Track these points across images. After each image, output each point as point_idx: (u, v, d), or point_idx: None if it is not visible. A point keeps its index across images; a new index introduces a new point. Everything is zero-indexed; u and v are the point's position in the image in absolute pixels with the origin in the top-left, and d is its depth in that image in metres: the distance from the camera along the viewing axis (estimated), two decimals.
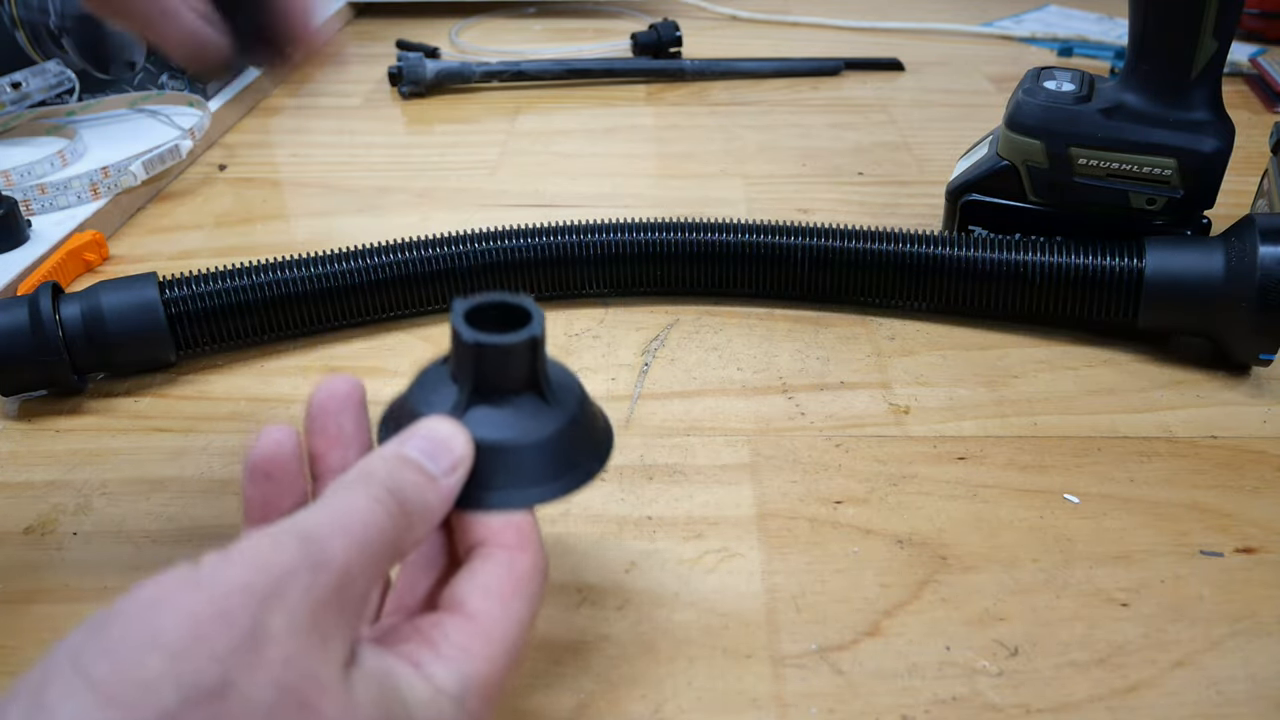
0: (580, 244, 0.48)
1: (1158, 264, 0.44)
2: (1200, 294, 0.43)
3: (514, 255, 0.48)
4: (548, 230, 0.49)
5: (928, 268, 0.47)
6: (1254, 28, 0.89)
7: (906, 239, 0.47)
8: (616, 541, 0.36)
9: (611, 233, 0.49)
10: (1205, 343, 0.46)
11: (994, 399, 0.44)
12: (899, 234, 0.48)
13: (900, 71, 0.85)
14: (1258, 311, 0.42)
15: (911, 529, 0.37)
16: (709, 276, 0.50)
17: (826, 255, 0.48)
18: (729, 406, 0.43)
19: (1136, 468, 0.40)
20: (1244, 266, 0.42)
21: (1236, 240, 0.43)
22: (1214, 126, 0.45)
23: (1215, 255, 0.43)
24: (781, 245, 0.48)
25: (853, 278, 0.48)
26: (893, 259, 0.47)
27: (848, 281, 0.48)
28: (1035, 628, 0.33)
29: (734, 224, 0.49)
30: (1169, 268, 0.44)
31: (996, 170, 0.49)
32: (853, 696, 0.30)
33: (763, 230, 0.48)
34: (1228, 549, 0.36)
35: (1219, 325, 0.44)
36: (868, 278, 0.48)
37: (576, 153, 0.69)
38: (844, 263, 0.48)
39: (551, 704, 0.30)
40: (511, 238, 0.48)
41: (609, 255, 0.49)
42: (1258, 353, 0.43)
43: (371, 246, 0.47)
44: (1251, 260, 0.42)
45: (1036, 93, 0.48)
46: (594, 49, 0.91)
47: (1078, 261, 0.45)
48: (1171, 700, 0.30)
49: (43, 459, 0.41)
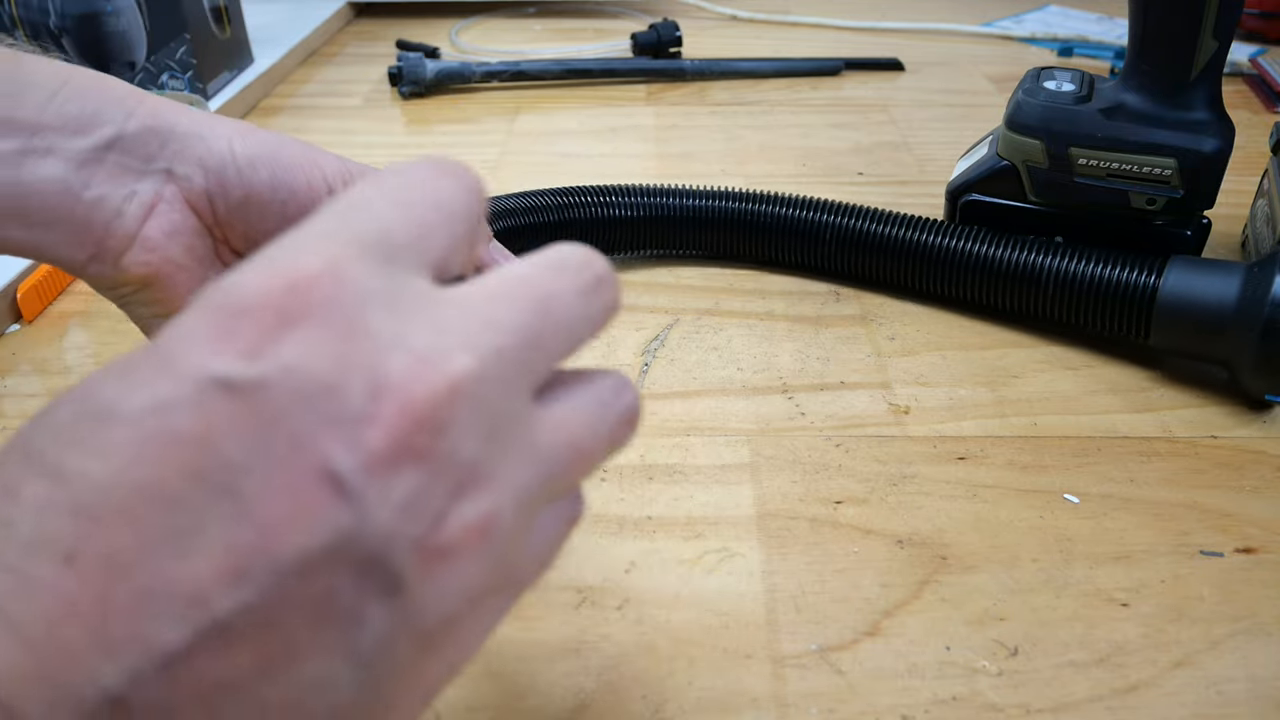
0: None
1: (1175, 284, 0.42)
2: (1212, 321, 0.41)
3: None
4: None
5: (941, 259, 0.47)
6: (1254, 28, 0.89)
7: (925, 227, 0.48)
8: (616, 541, 0.36)
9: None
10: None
11: (994, 399, 0.44)
12: (917, 221, 0.49)
13: (900, 71, 0.85)
14: (1260, 347, 0.40)
15: (911, 529, 0.37)
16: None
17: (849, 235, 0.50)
18: (729, 406, 0.43)
19: (1136, 468, 0.40)
20: (1257, 297, 0.40)
21: (1258, 269, 0.41)
22: (1214, 126, 0.45)
23: (1233, 281, 0.41)
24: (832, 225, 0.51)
25: (864, 259, 0.50)
26: (903, 246, 0.49)
27: (861, 262, 0.51)
28: (1035, 628, 0.33)
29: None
30: (1185, 289, 0.42)
31: (996, 170, 0.49)
32: (853, 696, 0.30)
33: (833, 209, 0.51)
34: (1228, 549, 0.36)
35: (1229, 355, 0.42)
36: (881, 261, 0.50)
37: (576, 153, 0.69)
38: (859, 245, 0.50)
39: (551, 704, 0.30)
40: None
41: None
42: (1264, 392, 0.42)
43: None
44: (1264, 292, 0.40)
45: (1036, 93, 0.48)
46: (594, 49, 0.91)
47: (1092, 271, 0.44)
48: (1171, 700, 0.30)
49: None
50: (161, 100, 0.34)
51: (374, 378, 0.16)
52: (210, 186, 0.34)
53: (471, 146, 0.71)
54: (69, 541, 0.15)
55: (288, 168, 0.34)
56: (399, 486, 0.16)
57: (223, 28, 0.77)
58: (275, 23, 0.93)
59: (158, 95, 0.35)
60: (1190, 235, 0.47)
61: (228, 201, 0.34)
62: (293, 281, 0.17)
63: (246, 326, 0.16)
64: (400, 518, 0.16)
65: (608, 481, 0.39)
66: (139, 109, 0.33)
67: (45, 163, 0.31)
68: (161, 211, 0.33)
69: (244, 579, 0.15)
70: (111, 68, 0.70)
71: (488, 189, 0.22)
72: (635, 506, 0.38)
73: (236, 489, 0.15)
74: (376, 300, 0.17)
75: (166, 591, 0.15)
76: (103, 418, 0.16)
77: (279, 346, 0.16)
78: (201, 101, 0.70)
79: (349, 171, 0.36)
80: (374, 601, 0.16)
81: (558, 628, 0.33)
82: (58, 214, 0.32)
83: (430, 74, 0.80)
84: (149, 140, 0.33)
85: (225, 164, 0.33)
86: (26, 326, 0.50)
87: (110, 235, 0.33)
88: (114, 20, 0.69)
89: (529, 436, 0.19)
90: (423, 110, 0.78)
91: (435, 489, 0.17)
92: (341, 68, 0.89)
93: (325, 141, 0.73)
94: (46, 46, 0.67)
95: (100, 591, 0.15)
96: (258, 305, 0.16)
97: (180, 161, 0.33)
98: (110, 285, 0.34)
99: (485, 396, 0.17)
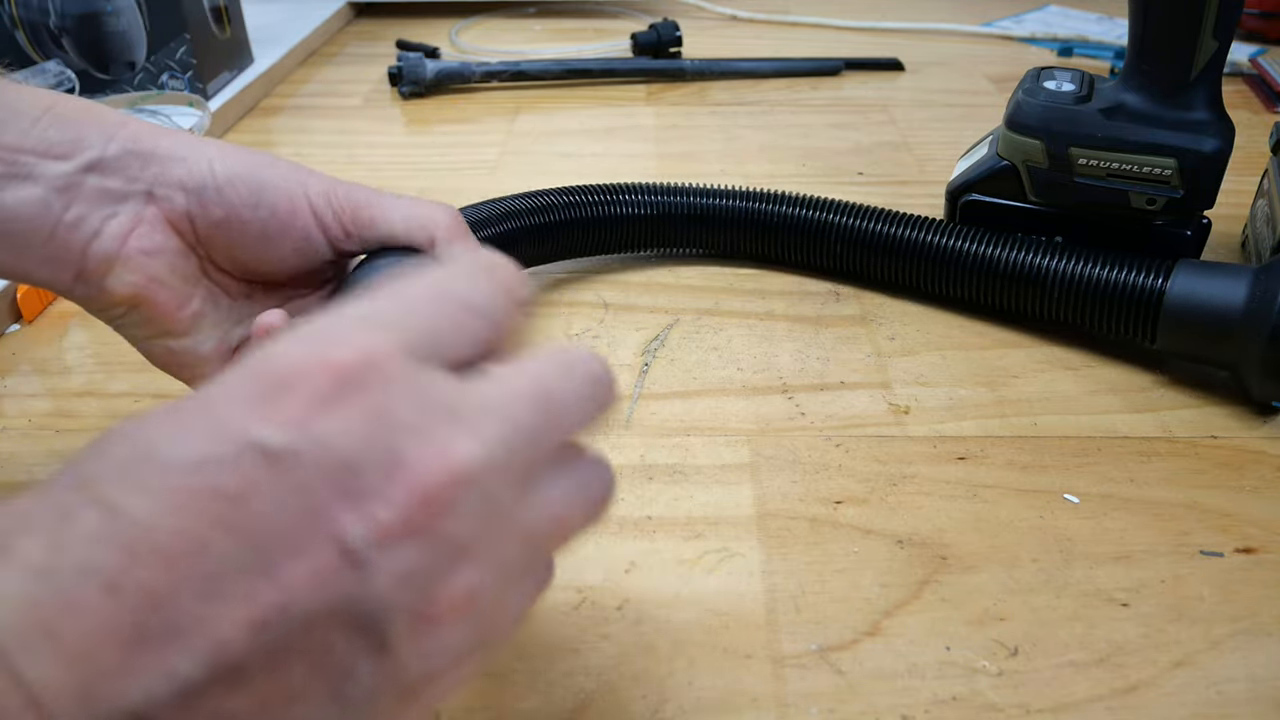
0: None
1: (1181, 287, 0.42)
2: (1218, 325, 0.41)
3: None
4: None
5: (945, 260, 0.48)
6: (1254, 28, 0.89)
7: (929, 228, 0.49)
8: (616, 541, 0.36)
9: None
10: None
11: (994, 399, 0.44)
12: (922, 221, 0.49)
13: (900, 71, 0.85)
14: (1268, 352, 0.40)
15: (911, 529, 0.37)
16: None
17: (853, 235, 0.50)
18: (729, 406, 0.43)
19: (1136, 468, 0.40)
20: (1265, 301, 0.40)
21: (1265, 274, 0.41)
22: (1214, 126, 0.45)
23: (1241, 285, 0.41)
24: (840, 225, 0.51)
25: (868, 259, 0.50)
26: (905, 245, 0.49)
27: (865, 262, 0.51)
28: (1035, 628, 0.33)
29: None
30: (1192, 293, 0.42)
31: (996, 170, 0.49)
32: (853, 696, 0.30)
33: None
34: (1228, 549, 0.36)
35: (1235, 360, 0.42)
36: (885, 261, 0.50)
37: (576, 152, 0.69)
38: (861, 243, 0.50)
39: (551, 704, 0.30)
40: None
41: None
42: (1271, 398, 0.42)
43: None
44: (1272, 296, 0.40)
45: (1036, 93, 0.48)
46: (594, 49, 0.91)
47: (1098, 274, 0.44)
48: (1171, 700, 0.30)
49: (43, 459, 0.41)
50: (144, 124, 0.35)
51: (391, 460, 0.19)
52: (191, 207, 0.34)
53: (471, 146, 0.71)
54: (114, 573, 0.17)
55: (267, 186, 0.35)
56: (400, 559, 0.18)
57: (223, 28, 0.77)
58: (275, 23, 0.93)
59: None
60: (1190, 235, 0.47)
61: (208, 220, 0.34)
62: (333, 364, 0.19)
63: (288, 399, 0.18)
64: (398, 587, 0.18)
65: None
66: (119, 133, 0.34)
67: (25, 186, 0.32)
68: (143, 233, 0.34)
69: (262, 628, 0.17)
70: (111, 68, 0.70)
71: (528, 293, 0.24)
72: (635, 506, 0.38)
73: (264, 546, 0.17)
74: (404, 392, 0.19)
75: (192, 630, 0.17)
76: (154, 461, 0.18)
77: (315, 422, 0.18)
78: (202, 101, 0.70)
79: (334, 190, 0.36)
80: (365, 657, 0.18)
81: (558, 628, 0.33)
82: (37, 236, 0.33)
83: (430, 74, 0.80)
84: (129, 163, 0.34)
85: (205, 184, 0.34)
86: (26, 326, 0.50)
87: (90, 257, 0.33)
88: (114, 20, 0.69)
89: (518, 518, 0.21)
90: (423, 110, 0.78)
91: (431, 563, 0.19)
92: (341, 68, 0.89)
93: (325, 141, 0.73)
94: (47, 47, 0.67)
95: (137, 621, 0.16)
96: (300, 380, 0.19)
97: (160, 183, 0.34)
98: (99, 307, 0.35)
99: (485, 483, 0.20)
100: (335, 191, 0.36)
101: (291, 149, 0.71)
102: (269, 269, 0.36)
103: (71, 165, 0.33)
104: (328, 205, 0.36)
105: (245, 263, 0.36)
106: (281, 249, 0.36)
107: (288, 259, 0.36)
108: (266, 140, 0.73)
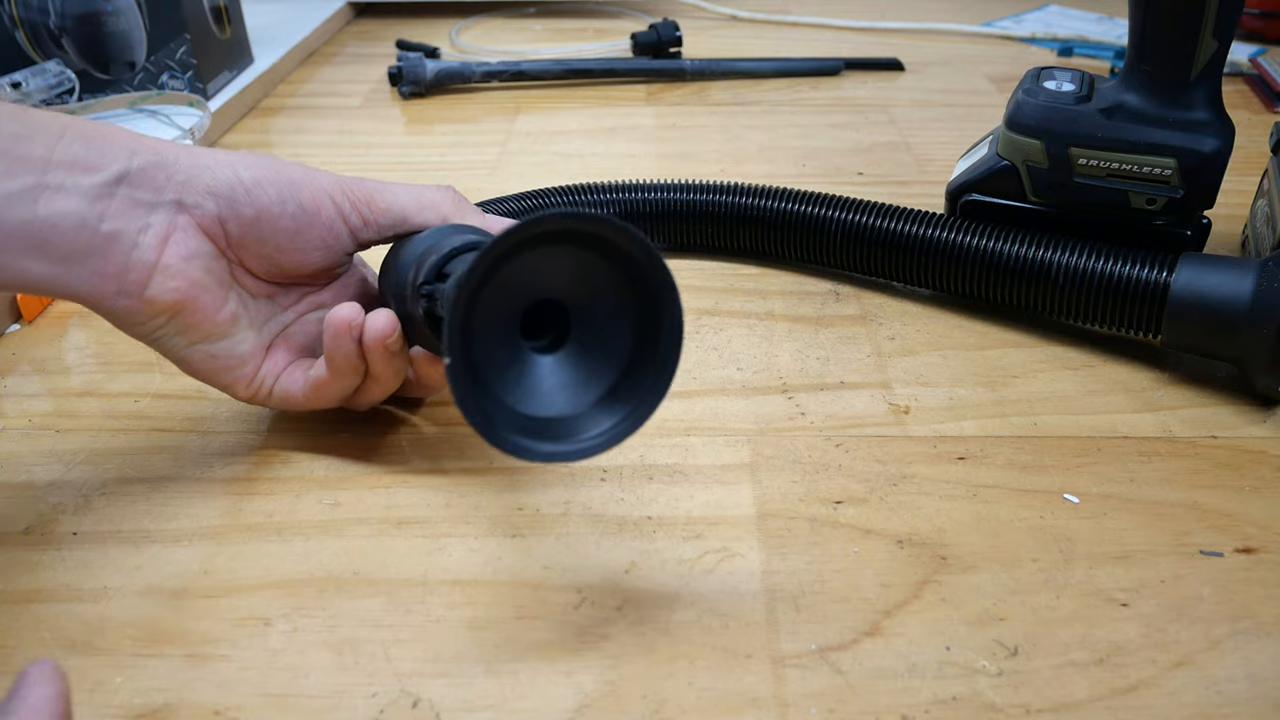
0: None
1: (1187, 280, 0.42)
2: (1224, 318, 0.41)
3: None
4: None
5: (949, 254, 0.48)
6: (1254, 28, 0.89)
7: (933, 223, 0.49)
8: (616, 541, 0.36)
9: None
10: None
11: (994, 399, 0.44)
12: (926, 216, 0.49)
13: (900, 71, 0.85)
14: (1274, 345, 0.40)
15: (911, 529, 0.37)
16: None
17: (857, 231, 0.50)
18: (729, 406, 0.43)
19: (1136, 468, 0.40)
20: (1271, 294, 0.40)
21: (1272, 266, 0.41)
22: (1214, 126, 0.45)
23: (1247, 279, 0.41)
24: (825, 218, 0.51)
25: (872, 254, 0.50)
26: (908, 241, 0.49)
27: (869, 257, 0.51)
28: (1035, 628, 0.33)
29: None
30: (1197, 286, 0.42)
31: (996, 170, 0.49)
32: (853, 696, 0.30)
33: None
34: (1228, 549, 0.36)
35: (1241, 353, 0.42)
36: (890, 256, 0.50)
37: (576, 152, 0.69)
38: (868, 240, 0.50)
39: (551, 704, 0.30)
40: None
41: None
42: (1278, 387, 0.42)
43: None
44: (1279, 290, 0.40)
45: (1036, 93, 0.48)
46: (594, 49, 0.91)
47: (1102, 268, 0.44)
48: (1171, 700, 0.30)
49: (43, 459, 0.41)
50: (161, 140, 0.37)
51: None
52: (222, 211, 0.36)
53: (471, 146, 0.71)
54: None
55: (292, 185, 0.37)
56: None
57: (223, 28, 0.77)
58: (275, 23, 0.93)
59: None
60: (1190, 235, 0.47)
61: (240, 221, 0.36)
62: None
63: None
64: None
65: (608, 481, 0.39)
66: (140, 147, 0.35)
67: (59, 198, 0.33)
68: (178, 240, 0.36)
69: None
70: (111, 68, 0.70)
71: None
72: (635, 506, 0.38)
73: None
74: None
75: None
76: None
77: None
78: (202, 101, 0.70)
79: (346, 184, 0.38)
80: None
81: (558, 628, 0.33)
82: (77, 247, 0.34)
83: (430, 74, 0.80)
84: (155, 174, 0.35)
85: (234, 187, 0.36)
86: (26, 326, 0.50)
87: (130, 267, 0.35)
88: (114, 20, 0.69)
89: None
90: (423, 110, 0.78)
91: None
92: (341, 68, 0.89)
93: (325, 141, 0.73)
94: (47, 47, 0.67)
95: None
96: None
97: (189, 191, 0.36)
98: (141, 319, 0.36)
99: None
100: (347, 184, 0.38)
101: (291, 149, 0.71)
102: (295, 265, 0.38)
103: (100, 178, 0.34)
104: (345, 197, 0.38)
105: (276, 260, 0.38)
106: (309, 243, 0.38)
107: (313, 254, 0.38)
108: (266, 140, 0.73)
